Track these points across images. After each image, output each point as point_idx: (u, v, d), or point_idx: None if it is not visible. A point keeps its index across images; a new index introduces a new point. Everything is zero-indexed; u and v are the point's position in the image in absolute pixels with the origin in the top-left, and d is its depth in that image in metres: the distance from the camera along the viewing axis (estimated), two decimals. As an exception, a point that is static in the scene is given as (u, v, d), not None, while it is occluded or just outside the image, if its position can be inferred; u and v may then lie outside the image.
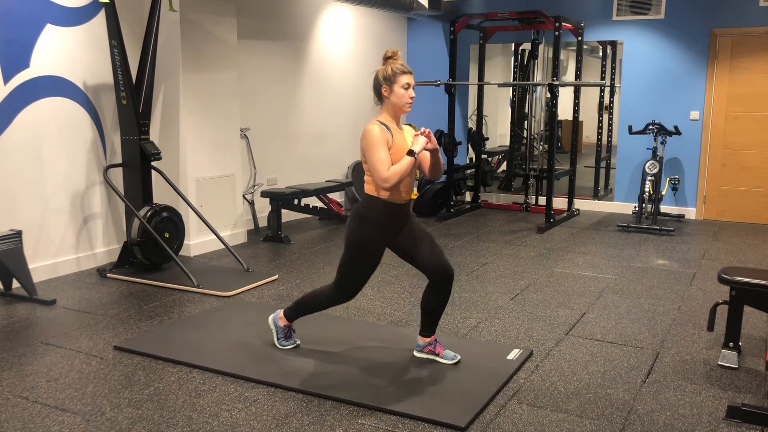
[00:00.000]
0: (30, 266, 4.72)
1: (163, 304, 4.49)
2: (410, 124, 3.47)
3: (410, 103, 3.20)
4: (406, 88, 3.17)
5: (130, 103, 5.11)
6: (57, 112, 5.02)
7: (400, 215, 3.28)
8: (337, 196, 8.10)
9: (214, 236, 5.69)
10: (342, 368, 3.39)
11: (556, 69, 6.97)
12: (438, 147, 3.27)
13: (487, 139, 9.19)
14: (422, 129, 3.17)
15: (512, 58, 9.02)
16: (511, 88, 9.21)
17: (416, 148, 3.12)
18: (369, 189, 3.23)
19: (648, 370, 3.47)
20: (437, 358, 3.48)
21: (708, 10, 7.38)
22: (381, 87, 3.19)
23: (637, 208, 7.22)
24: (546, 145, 8.67)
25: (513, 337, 3.91)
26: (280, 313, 3.61)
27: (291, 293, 4.74)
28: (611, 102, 8.85)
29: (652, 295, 4.75)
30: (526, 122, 8.91)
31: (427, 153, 3.31)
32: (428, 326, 3.48)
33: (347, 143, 8.29)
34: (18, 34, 4.72)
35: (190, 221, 5.74)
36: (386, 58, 3.23)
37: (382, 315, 4.30)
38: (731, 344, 3.56)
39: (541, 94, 8.89)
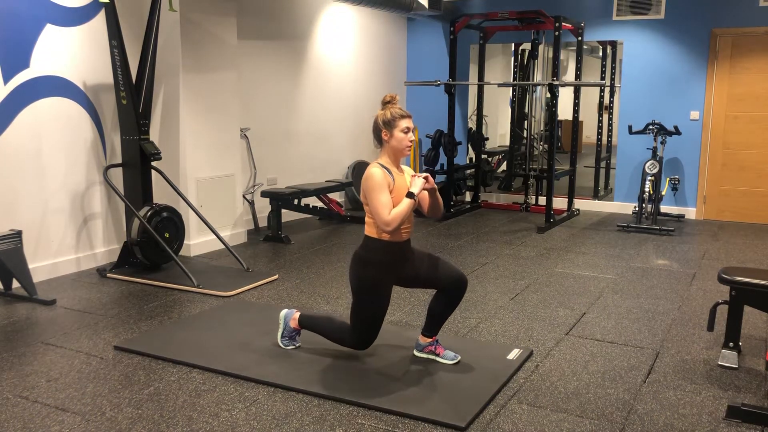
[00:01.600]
0: (30, 266, 4.72)
1: (163, 304, 4.49)
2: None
3: (410, 147, 3.26)
4: (406, 132, 3.23)
5: (130, 103, 5.11)
6: (57, 112, 5.02)
7: (402, 252, 3.32)
8: (337, 196, 8.10)
9: (214, 236, 5.69)
10: (342, 368, 3.39)
11: (556, 69, 6.97)
12: (436, 187, 3.33)
13: (487, 139, 9.19)
14: (421, 174, 3.24)
15: (512, 58, 9.02)
16: (511, 88, 9.21)
17: (415, 190, 3.19)
18: (369, 231, 3.27)
19: (648, 370, 3.47)
20: (437, 358, 3.48)
21: (708, 10, 7.38)
22: (381, 131, 3.25)
23: (637, 208, 7.22)
24: (546, 145, 8.67)
25: (513, 337, 3.91)
26: (296, 315, 3.61)
27: (291, 293, 4.74)
28: (611, 102, 8.85)
29: (652, 295, 4.75)
30: (526, 122, 8.91)
31: (426, 193, 3.37)
32: (432, 328, 3.49)
33: (347, 143, 8.29)
34: (18, 34, 4.72)
35: (190, 221, 5.74)
36: (385, 103, 3.28)
37: (382, 315, 4.29)
38: (731, 344, 3.56)
39: (541, 94, 8.89)
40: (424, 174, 3.23)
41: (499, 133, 9.72)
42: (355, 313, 3.34)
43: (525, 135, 8.85)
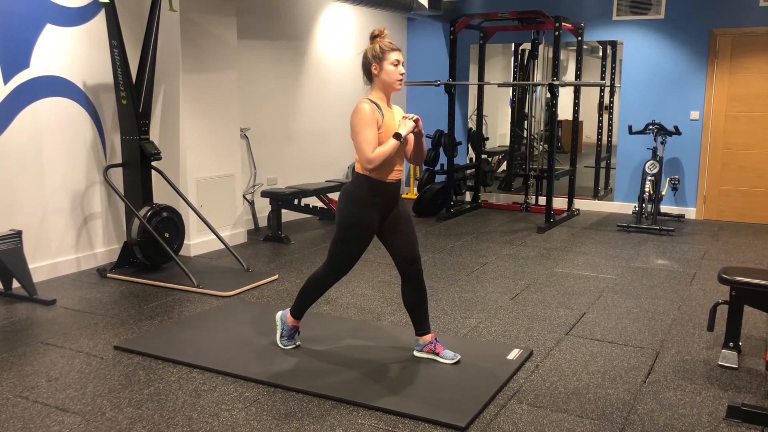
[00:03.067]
0: (30, 266, 4.72)
1: (163, 304, 4.49)
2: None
3: (401, 80, 3.20)
4: (396, 65, 3.17)
5: (130, 103, 5.11)
6: (57, 112, 5.02)
7: (389, 194, 3.27)
8: (337, 196, 8.09)
9: (214, 236, 5.70)
10: (342, 368, 3.39)
11: (556, 69, 6.97)
12: (423, 132, 3.28)
13: (487, 139, 9.19)
14: (411, 114, 3.19)
15: (512, 58, 9.02)
16: (511, 88, 9.21)
17: (403, 132, 3.14)
18: (358, 167, 3.24)
19: (648, 370, 3.47)
20: (437, 358, 3.48)
21: (708, 10, 7.38)
22: (371, 65, 3.18)
23: (637, 208, 7.22)
24: (546, 145, 8.67)
25: (513, 337, 3.91)
26: (289, 312, 3.62)
27: (291, 293, 4.74)
28: (611, 102, 8.85)
29: (652, 295, 4.75)
30: (526, 122, 8.91)
31: (412, 136, 3.31)
32: (419, 323, 3.47)
33: (347, 143, 8.29)
34: (18, 34, 4.72)
35: (190, 221, 5.74)
36: (373, 37, 3.21)
37: (382, 315, 4.30)
38: (731, 344, 3.56)
39: (541, 94, 8.89)
40: (414, 116, 3.17)
41: (499, 133, 9.72)
42: (335, 245, 3.31)
43: (525, 135, 8.85)
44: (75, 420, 2.89)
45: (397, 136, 3.12)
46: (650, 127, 7.27)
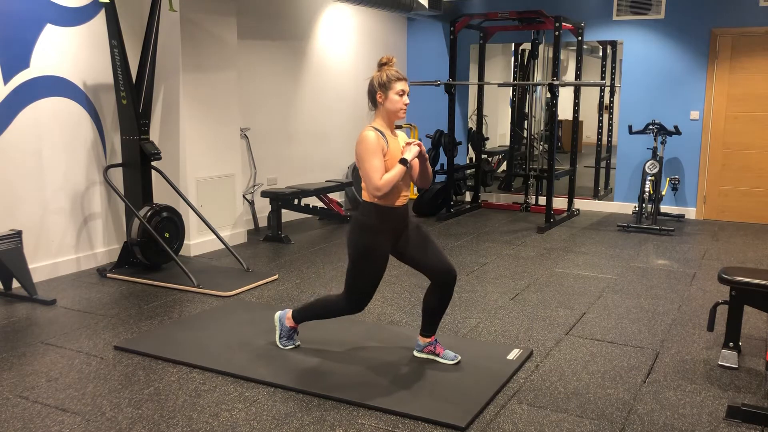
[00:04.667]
0: (30, 266, 4.72)
1: (163, 304, 4.49)
2: (409, 125, 3.47)
3: (404, 110, 3.24)
4: (401, 95, 3.20)
5: (130, 103, 5.11)
6: (57, 112, 5.02)
7: (398, 219, 3.29)
8: (337, 196, 8.10)
9: (214, 236, 5.70)
10: (342, 368, 3.39)
11: (556, 69, 6.97)
12: (427, 156, 3.32)
13: (487, 139, 9.19)
14: (414, 140, 3.22)
15: (512, 58, 9.02)
16: (511, 88, 9.21)
17: (408, 157, 3.17)
18: (365, 196, 3.25)
19: (648, 370, 3.47)
20: (437, 358, 3.48)
21: (708, 10, 7.38)
22: (376, 93, 3.22)
23: (637, 208, 7.22)
24: (546, 145, 8.67)
25: (513, 337, 3.91)
26: (288, 313, 3.61)
27: (291, 293, 4.75)
28: (611, 102, 8.85)
29: (652, 295, 4.75)
30: (526, 122, 8.91)
31: (417, 161, 3.34)
32: (429, 326, 3.48)
33: (347, 143, 8.29)
34: (18, 34, 4.72)
35: (190, 221, 5.74)
36: (381, 65, 3.25)
37: (382, 315, 4.30)
38: (731, 344, 3.56)
39: (541, 94, 8.89)
40: (417, 141, 3.20)
41: (499, 133, 9.72)
42: (350, 277, 3.30)
43: (525, 135, 8.85)
44: (75, 420, 2.89)
45: (403, 161, 3.16)
46: (650, 127, 7.27)
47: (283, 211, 6.58)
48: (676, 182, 7.30)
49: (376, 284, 3.31)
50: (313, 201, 7.33)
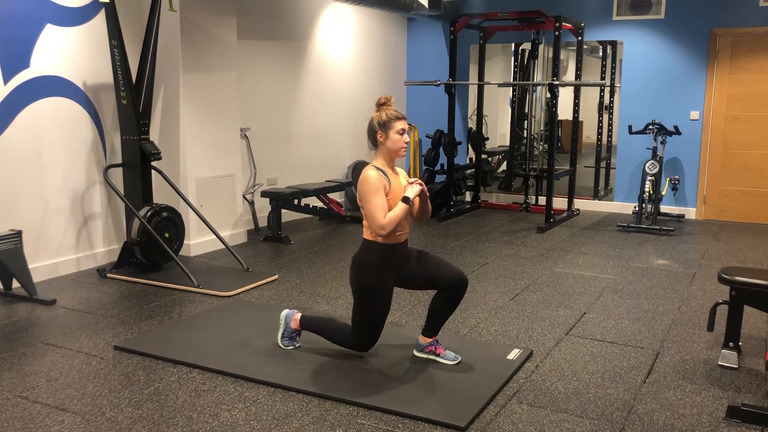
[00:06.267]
0: (30, 266, 4.72)
1: (163, 304, 4.49)
2: (409, 125, 3.49)
3: (405, 148, 3.29)
4: (401, 134, 3.25)
5: (130, 103, 5.11)
6: (57, 112, 5.02)
7: (400, 255, 3.34)
8: (337, 196, 8.09)
9: (214, 236, 5.69)
10: (342, 368, 3.39)
11: (556, 69, 6.97)
12: (428, 194, 3.38)
13: (487, 139, 9.19)
14: (415, 179, 3.27)
15: (512, 58, 9.02)
16: (511, 88, 9.21)
17: (410, 195, 3.21)
18: (367, 234, 3.29)
19: (648, 370, 3.47)
20: (438, 359, 3.48)
21: (708, 10, 7.38)
22: (376, 133, 3.26)
23: (637, 208, 7.22)
24: (546, 145, 8.67)
25: (513, 337, 3.91)
26: (297, 315, 3.62)
27: (291, 293, 4.74)
28: (611, 102, 8.86)
29: (652, 295, 4.75)
30: (526, 122, 8.91)
31: (418, 198, 3.39)
32: (432, 328, 3.49)
33: (347, 143, 8.29)
34: (18, 34, 4.72)
35: (190, 221, 5.74)
36: (380, 105, 3.30)
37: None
38: (731, 344, 3.56)
39: (541, 94, 8.89)
40: (418, 180, 3.26)
41: (499, 133, 9.72)
42: (356, 315, 3.35)
43: (525, 135, 8.85)
44: (75, 420, 2.89)
45: (405, 199, 3.19)
46: (650, 127, 7.27)
47: (283, 211, 6.58)
48: (676, 182, 7.30)
49: (383, 321, 3.36)
50: (313, 201, 7.33)
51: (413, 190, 3.22)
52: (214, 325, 4.03)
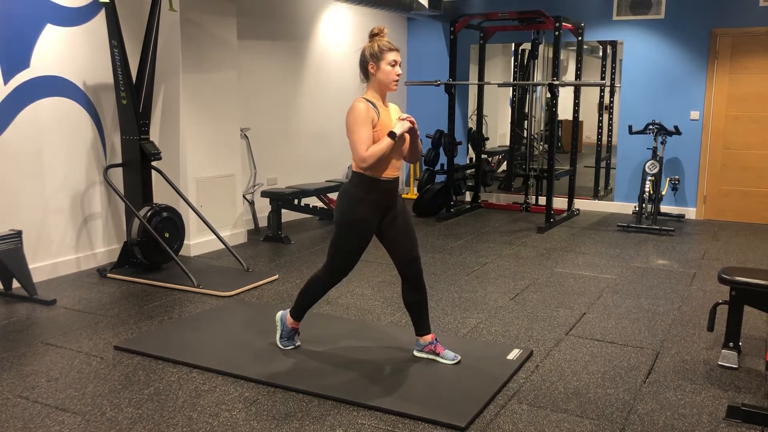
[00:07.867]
0: (30, 266, 4.72)
1: (163, 304, 4.49)
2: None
3: (396, 81, 3.21)
4: (393, 65, 3.17)
5: (130, 103, 5.11)
6: (57, 112, 5.02)
7: (386, 192, 3.26)
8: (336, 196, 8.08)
9: (214, 236, 5.69)
10: (342, 368, 3.39)
11: (556, 69, 6.97)
12: (418, 133, 3.30)
13: (487, 139, 9.19)
14: (406, 115, 3.20)
15: (512, 58, 9.02)
16: (511, 88, 9.21)
17: (398, 131, 3.15)
18: (355, 166, 3.23)
19: (648, 370, 3.47)
20: (437, 358, 3.48)
21: (708, 10, 7.38)
22: (368, 64, 3.19)
23: (637, 208, 7.22)
24: (546, 145, 8.67)
25: (513, 337, 3.91)
26: (288, 313, 3.61)
27: (291, 293, 4.74)
28: (611, 102, 8.85)
29: (652, 295, 4.75)
30: (526, 122, 8.91)
31: (407, 136, 3.30)
32: (420, 324, 3.47)
33: (347, 143, 8.28)
34: (18, 34, 4.72)
35: (190, 221, 5.74)
36: (372, 35, 3.21)
37: (382, 315, 4.30)
38: (731, 344, 3.56)
39: (541, 94, 8.89)
40: (409, 116, 3.19)
41: (499, 133, 9.72)
42: (335, 245, 3.32)
43: (525, 135, 8.85)
44: (75, 420, 2.89)
45: (391, 134, 3.13)
46: (650, 127, 7.27)
47: (283, 211, 6.58)
48: (676, 182, 7.30)
49: (359, 254, 3.31)
50: (313, 201, 7.33)
51: (401, 127, 3.15)
52: (214, 325, 4.03)
